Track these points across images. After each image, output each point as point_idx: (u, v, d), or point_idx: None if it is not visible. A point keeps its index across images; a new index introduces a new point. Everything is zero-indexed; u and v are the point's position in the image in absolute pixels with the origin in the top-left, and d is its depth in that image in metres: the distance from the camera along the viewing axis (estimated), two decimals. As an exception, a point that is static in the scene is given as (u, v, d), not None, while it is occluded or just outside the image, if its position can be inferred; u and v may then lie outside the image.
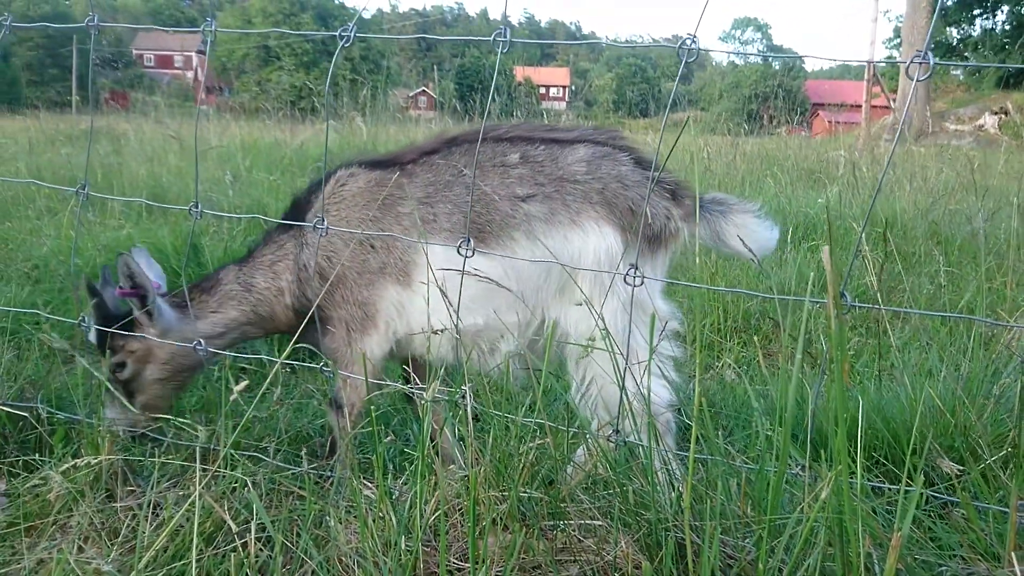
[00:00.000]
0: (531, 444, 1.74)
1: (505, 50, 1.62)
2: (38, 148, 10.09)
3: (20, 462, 2.23)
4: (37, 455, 2.23)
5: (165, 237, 4.76)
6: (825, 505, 1.38)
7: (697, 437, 1.51)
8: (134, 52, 68.86)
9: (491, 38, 1.64)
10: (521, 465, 1.71)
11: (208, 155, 8.19)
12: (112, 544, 1.85)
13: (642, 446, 1.76)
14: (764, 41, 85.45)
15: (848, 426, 1.89)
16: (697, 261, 1.86)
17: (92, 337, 2.33)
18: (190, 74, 64.59)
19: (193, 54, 68.55)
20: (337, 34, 1.82)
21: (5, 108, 15.72)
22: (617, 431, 1.79)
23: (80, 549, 1.85)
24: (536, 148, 2.20)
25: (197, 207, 2.17)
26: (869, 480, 2.02)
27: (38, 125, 13.17)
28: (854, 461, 1.46)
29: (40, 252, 4.61)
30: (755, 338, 3.69)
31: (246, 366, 3.24)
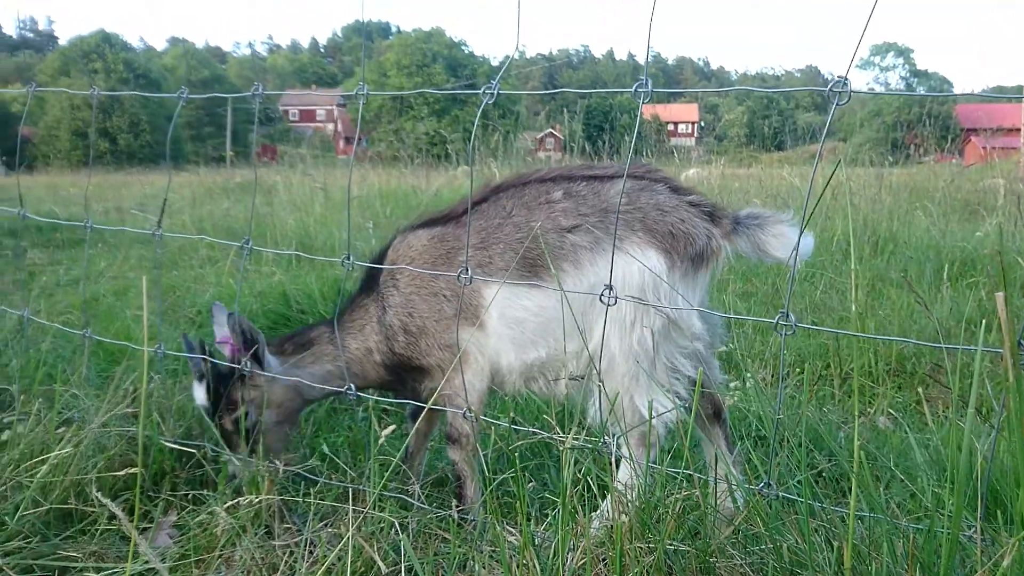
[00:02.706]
0: (678, 495, 1.70)
1: (646, 100, 1.63)
2: (199, 200, 10.97)
3: (189, 496, 2.40)
4: (204, 490, 2.39)
5: (312, 283, 5.04)
6: (1006, 573, 1.27)
7: (856, 492, 1.43)
8: (281, 108, 74.05)
9: (632, 89, 1.66)
10: (668, 516, 1.68)
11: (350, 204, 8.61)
12: (271, 579, 1.95)
13: (798, 500, 1.68)
14: (907, 66, 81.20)
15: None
16: (854, 308, 1.78)
17: (202, 400, 2.46)
18: (331, 126, 68.64)
19: (334, 107, 72.88)
20: (481, 91, 1.89)
21: (172, 164, 17.26)
22: (769, 484, 1.72)
23: (243, 583, 1.96)
24: (578, 185, 2.34)
25: (349, 259, 2.31)
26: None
27: (199, 180, 14.34)
28: (1039, 525, 1.34)
29: (203, 299, 4.98)
30: (916, 385, 3.46)
31: (388, 407, 3.36)
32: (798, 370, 3.79)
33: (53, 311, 4.56)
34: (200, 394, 2.46)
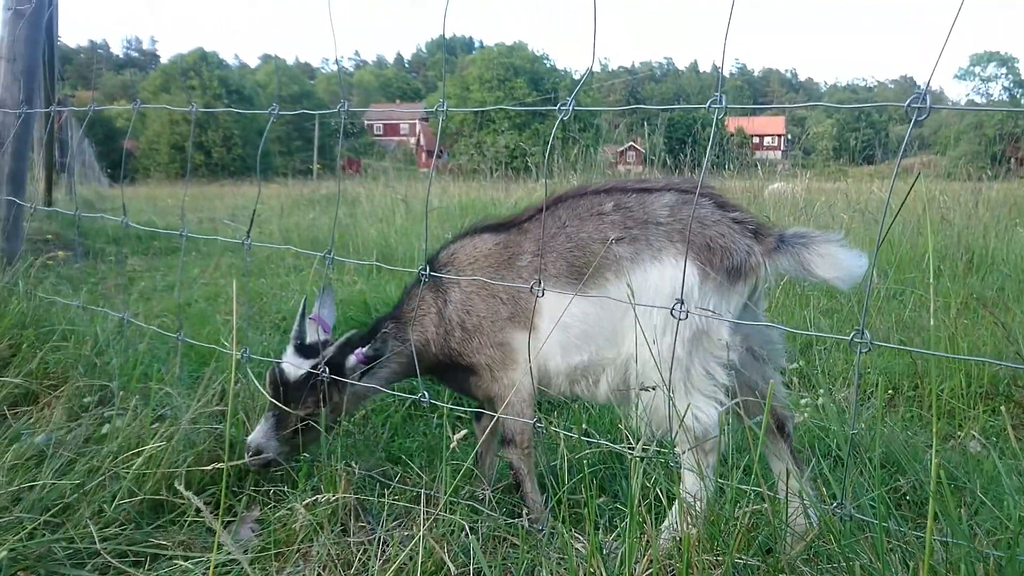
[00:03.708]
0: (747, 509, 1.69)
1: (721, 116, 1.63)
2: (287, 211, 11.37)
3: (271, 492, 2.50)
4: (285, 487, 2.49)
5: (392, 292, 5.17)
6: (1096, 602, 1.22)
7: (935, 513, 1.39)
8: (365, 122, 76.00)
9: (707, 106, 1.66)
10: (737, 530, 1.66)
11: (429, 215, 8.78)
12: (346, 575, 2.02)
13: (872, 521, 1.64)
14: (1010, 77, 77.14)
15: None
16: (932, 323, 1.73)
17: (290, 370, 2.54)
18: (413, 140, 70.05)
19: (417, 121, 74.37)
20: (557, 108, 1.92)
21: (261, 177, 17.96)
22: (842, 504, 1.68)
23: (319, 577, 2.03)
24: (628, 197, 2.41)
25: (427, 270, 2.40)
26: None
27: (286, 191, 14.86)
28: None
29: (288, 305, 5.17)
30: (1004, 407, 3.31)
31: (462, 415, 3.42)
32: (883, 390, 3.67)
33: (150, 314, 4.81)
34: (294, 362, 2.56)
